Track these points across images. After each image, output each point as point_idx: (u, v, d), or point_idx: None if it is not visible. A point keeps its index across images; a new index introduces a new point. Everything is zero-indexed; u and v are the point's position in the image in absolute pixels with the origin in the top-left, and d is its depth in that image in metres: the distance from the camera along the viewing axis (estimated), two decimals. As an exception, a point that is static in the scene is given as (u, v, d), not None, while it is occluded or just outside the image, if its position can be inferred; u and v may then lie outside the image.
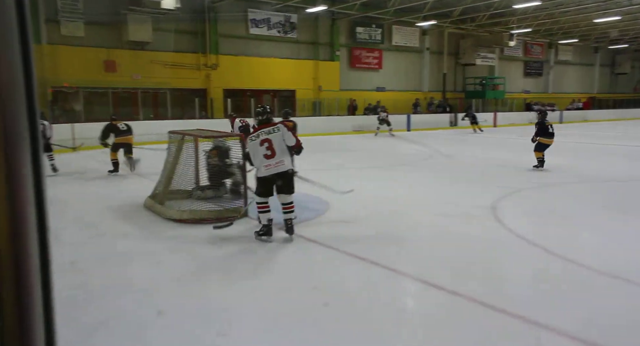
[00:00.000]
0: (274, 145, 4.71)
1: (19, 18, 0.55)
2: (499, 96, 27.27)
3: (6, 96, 0.57)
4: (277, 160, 4.72)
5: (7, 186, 0.59)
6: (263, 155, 4.70)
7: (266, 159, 4.71)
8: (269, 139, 4.73)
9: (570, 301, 3.48)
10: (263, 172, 4.76)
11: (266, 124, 4.87)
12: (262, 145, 4.71)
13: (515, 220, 5.93)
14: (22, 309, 0.60)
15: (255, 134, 4.79)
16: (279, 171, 4.74)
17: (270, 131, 4.78)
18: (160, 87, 16.87)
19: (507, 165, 10.62)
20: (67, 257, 4.08)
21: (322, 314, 3.28)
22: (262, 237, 4.82)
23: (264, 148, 4.70)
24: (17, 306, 0.60)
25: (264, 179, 4.81)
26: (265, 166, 4.72)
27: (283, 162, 4.76)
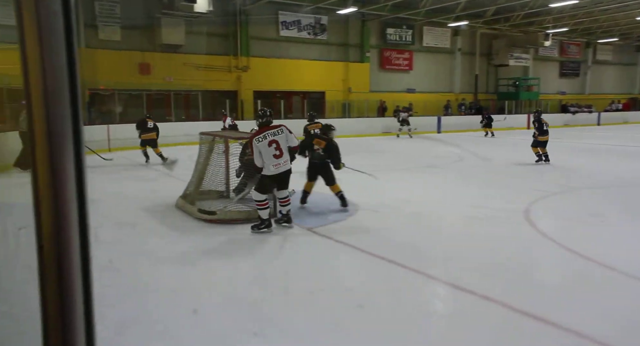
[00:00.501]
0: (281, 145, 5.03)
1: (65, 25, 0.57)
2: (533, 97, 26.59)
3: (52, 99, 0.60)
4: (284, 159, 5.07)
5: (52, 186, 0.61)
6: (273, 155, 4.99)
7: (275, 159, 5.01)
8: (276, 140, 5.02)
9: (606, 308, 3.36)
10: (273, 171, 5.03)
11: (268, 126, 5.13)
12: (271, 146, 4.99)
13: (548, 223, 5.78)
14: (63, 303, 0.63)
15: (262, 136, 5.03)
16: (287, 169, 5.12)
17: (275, 132, 5.07)
18: (192, 89, 17.20)
19: (541, 167, 10.34)
20: (104, 255, 4.21)
21: (357, 316, 3.27)
22: (263, 230, 5.08)
23: (273, 148, 4.99)
24: (59, 300, 0.63)
25: (271, 178, 5.07)
26: (274, 165, 5.02)
27: (288, 161, 5.15)
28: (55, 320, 0.62)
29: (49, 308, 0.62)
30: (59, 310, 0.62)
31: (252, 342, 2.92)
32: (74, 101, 0.61)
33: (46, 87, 0.59)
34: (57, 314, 0.62)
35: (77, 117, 0.62)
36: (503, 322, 3.18)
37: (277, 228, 5.40)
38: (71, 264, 0.63)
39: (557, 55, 28.99)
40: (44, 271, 0.63)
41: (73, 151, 0.62)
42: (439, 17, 21.66)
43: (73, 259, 0.63)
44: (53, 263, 0.62)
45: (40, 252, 0.62)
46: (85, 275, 0.64)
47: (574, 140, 17.64)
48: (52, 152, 0.60)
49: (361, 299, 3.54)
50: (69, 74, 0.60)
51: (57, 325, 0.62)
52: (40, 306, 0.62)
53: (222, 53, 18.05)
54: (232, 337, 2.97)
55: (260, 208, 5.08)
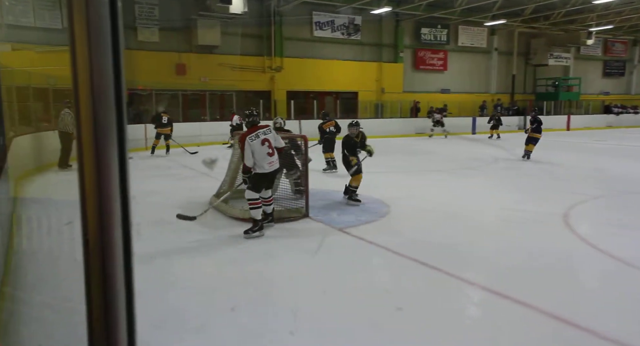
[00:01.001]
0: (272, 144, 5.15)
1: (112, 28, 0.59)
2: (574, 97, 25.72)
3: (98, 100, 0.62)
4: (276, 157, 5.18)
5: (97, 183, 0.64)
6: (266, 153, 5.08)
7: (269, 157, 5.09)
8: (267, 139, 5.12)
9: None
10: (267, 168, 5.10)
11: (259, 126, 5.22)
12: (264, 144, 5.07)
13: (588, 228, 5.59)
14: (107, 296, 0.65)
15: (255, 134, 5.10)
16: (278, 166, 5.25)
17: (266, 132, 5.18)
18: (226, 89, 17.49)
19: (582, 171, 9.99)
20: (144, 251, 4.33)
21: (396, 318, 3.25)
22: (256, 234, 5.03)
23: (266, 147, 5.08)
24: (103, 292, 0.65)
25: (264, 176, 5.13)
26: (268, 163, 5.10)
27: (278, 159, 5.25)
28: (99, 312, 0.64)
29: (93, 300, 0.64)
30: (102, 302, 0.64)
31: (288, 341, 2.94)
32: (119, 101, 0.64)
33: (93, 88, 0.61)
34: (101, 306, 0.64)
35: (122, 117, 0.64)
36: (540, 328, 3.09)
37: (305, 229, 5.42)
38: (114, 258, 0.65)
39: (600, 54, 27.93)
40: (88, 264, 0.65)
41: (117, 150, 0.64)
42: (474, 16, 21.24)
43: (116, 254, 0.65)
44: (97, 257, 0.64)
45: (85, 245, 0.65)
46: (127, 269, 0.66)
47: (617, 142, 16.97)
48: (98, 151, 0.63)
49: (399, 301, 3.51)
50: (114, 76, 0.62)
51: (100, 317, 0.64)
52: (85, 298, 0.64)
53: (256, 54, 18.27)
54: (267, 335, 2.99)
55: (253, 206, 5.08)
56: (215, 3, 15.58)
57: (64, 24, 8.35)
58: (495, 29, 23.34)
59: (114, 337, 0.65)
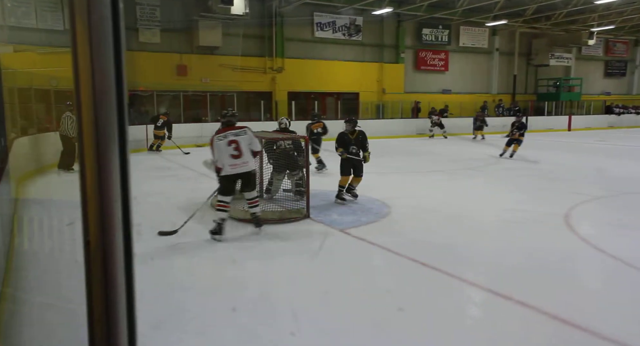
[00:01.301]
0: (241, 146, 4.96)
1: (114, 29, 0.59)
2: (575, 98, 25.68)
3: (100, 101, 0.62)
4: (243, 160, 4.98)
5: (98, 184, 0.64)
6: (230, 155, 4.93)
7: (233, 159, 4.94)
8: (236, 140, 4.96)
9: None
10: (229, 171, 4.96)
11: (231, 127, 5.11)
12: (230, 145, 4.94)
13: (589, 228, 5.59)
14: (108, 296, 0.65)
15: (223, 135, 5.01)
16: (245, 170, 5.02)
17: (238, 133, 5.02)
18: (227, 90, 17.49)
19: (583, 171, 9.98)
20: (145, 252, 4.34)
21: (397, 319, 3.25)
22: (215, 236, 4.93)
23: (232, 148, 4.93)
24: (103, 293, 0.65)
25: (227, 178, 5.02)
26: (231, 165, 4.95)
27: (248, 162, 5.03)
28: (100, 313, 0.64)
29: (94, 301, 0.64)
30: (103, 303, 0.64)
31: (288, 342, 2.94)
32: (120, 103, 0.64)
33: (95, 90, 0.61)
34: (102, 307, 0.64)
35: (123, 118, 0.64)
36: (541, 329, 3.09)
37: (306, 230, 5.43)
38: (115, 259, 0.65)
39: (602, 55, 27.89)
40: (89, 265, 0.65)
41: (118, 152, 0.64)
42: (476, 17, 21.23)
43: (117, 255, 0.65)
44: (98, 258, 0.65)
45: (86, 247, 0.65)
46: (128, 270, 0.66)
47: (619, 142, 16.95)
48: (99, 153, 0.63)
49: (401, 302, 3.51)
50: (116, 77, 0.62)
51: (101, 318, 0.64)
52: (86, 299, 0.64)
53: (257, 54, 18.28)
54: (268, 336, 2.99)
55: (219, 208, 5.01)
56: (217, 4, 15.58)
57: (66, 26, 8.36)
58: (497, 29, 23.32)
59: (114, 338, 0.65)
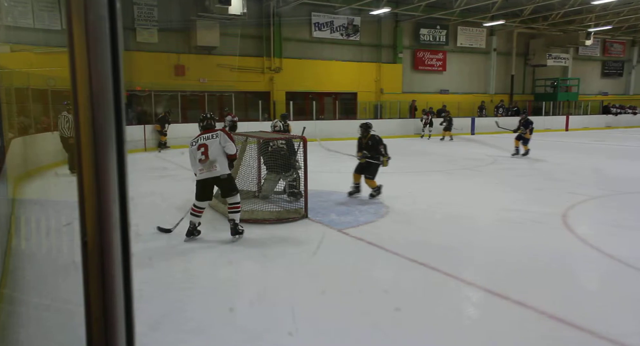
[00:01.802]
0: (208, 150, 4.79)
1: (111, 29, 0.59)
2: (572, 98, 25.76)
3: (97, 101, 0.62)
4: (210, 164, 4.80)
5: (96, 185, 0.64)
6: (198, 159, 4.81)
7: (200, 164, 4.82)
8: (205, 144, 4.83)
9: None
10: (198, 176, 4.88)
11: (208, 130, 4.97)
12: (199, 150, 4.82)
13: (587, 228, 5.60)
14: (105, 297, 0.65)
15: (195, 139, 4.93)
16: (212, 175, 4.83)
17: (208, 137, 4.88)
18: (225, 90, 17.48)
19: (581, 171, 10.01)
20: (143, 252, 4.33)
21: (394, 318, 3.25)
22: (189, 237, 4.91)
23: (200, 153, 4.80)
24: (101, 294, 0.65)
25: (199, 183, 4.92)
26: (199, 170, 4.85)
27: (216, 167, 4.81)
28: (98, 313, 0.64)
29: (92, 301, 0.64)
30: (101, 304, 0.64)
31: (286, 342, 2.94)
32: (118, 103, 0.63)
33: (92, 89, 0.61)
34: (100, 307, 0.64)
35: (120, 119, 0.64)
36: (539, 329, 3.09)
37: (304, 230, 5.43)
38: (113, 260, 0.65)
39: (599, 55, 27.97)
40: (87, 266, 0.65)
41: (116, 152, 0.64)
42: (474, 17, 21.27)
43: (115, 256, 0.65)
44: (96, 258, 0.64)
45: (84, 248, 0.65)
46: (126, 271, 0.66)
47: (616, 142, 17.00)
48: (97, 153, 0.63)
49: (398, 302, 3.51)
50: (113, 77, 0.62)
51: (99, 318, 0.64)
52: (84, 299, 0.64)
53: (255, 54, 18.27)
54: (266, 336, 2.99)
55: (192, 212, 4.94)
56: (214, 4, 15.56)
57: (63, 25, 8.35)
58: (494, 29, 23.37)
59: (112, 338, 0.65)
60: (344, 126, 18.25)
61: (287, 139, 6.68)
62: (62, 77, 10.59)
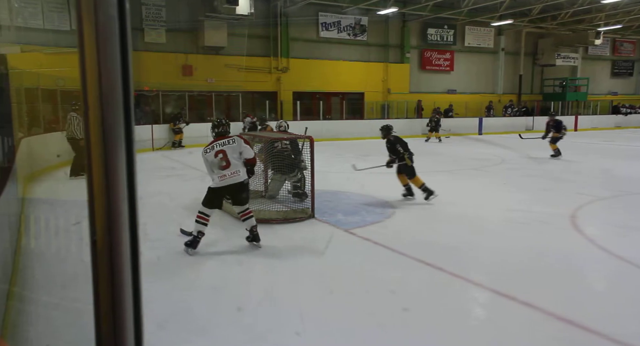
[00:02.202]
0: (228, 156, 4.62)
1: (121, 29, 0.59)
2: (581, 98, 25.54)
3: (106, 102, 0.62)
4: (232, 170, 4.62)
5: (106, 184, 0.64)
6: (219, 166, 4.61)
7: (221, 170, 4.61)
8: (223, 150, 4.64)
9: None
10: (218, 182, 4.62)
11: (222, 137, 4.80)
12: (217, 156, 4.62)
13: (596, 230, 5.54)
14: (114, 296, 0.65)
15: (210, 146, 4.72)
16: (235, 182, 4.63)
17: (225, 143, 4.71)
18: (232, 90, 17.52)
19: (590, 171, 9.92)
20: (151, 252, 4.35)
21: (402, 319, 3.25)
22: (188, 248, 4.56)
23: (219, 159, 4.61)
24: (110, 293, 0.65)
25: (216, 190, 4.67)
26: (220, 177, 4.61)
27: (239, 172, 4.65)
28: (107, 311, 0.65)
29: (100, 299, 0.65)
30: (110, 302, 0.64)
31: (294, 342, 2.94)
32: (127, 103, 0.64)
33: (101, 89, 0.62)
34: (109, 306, 0.65)
35: (129, 119, 0.64)
36: (546, 330, 3.07)
37: (310, 230, 5.43)
38: (122, 259, 0.65)
39: (608, 54, 27.73)
40: (96, 264, 0.65)
41: (125, 152, 0.64)
42: (481, 17, 21.16)
43: (124, 255, 0.65)
44: (105, 257, 0.65)
45: (93, 247, 0.65)
46: (134, 270, 0.67)
47: (625, 143, 16.84)
48: (106, 153, 0.63)
49: (405, 302, 3.50)
50: (122, 77, 0.63)
51: (108, 316, 0.65)
52: (93, 298, 0.65)
53: (262, 54, 18.31)
54: (273, 336, 2.99)
55: (198, 220, 4.64)
56: (222, 4, 15.62)
57: (73, 26, 8.44)
58: (502, 29, 23.24)
59: (121, 337, 0.65)
60: (351, 126, 18.25)
61: (291, 140, 6.67)
62: (71, 78, 10.68)
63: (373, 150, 12.78)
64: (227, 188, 4.65)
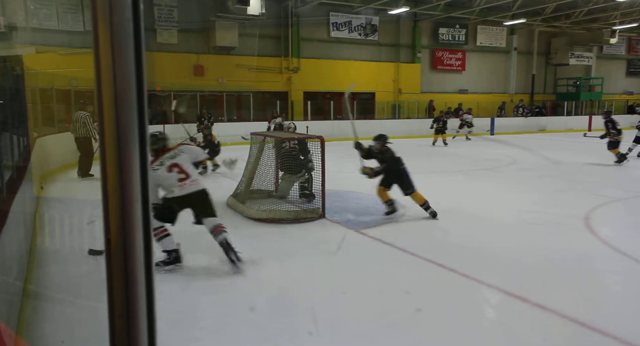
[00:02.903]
0: (184, 167, 4.33)
1: (135, 30, 0.60)
2: (596, 97, 25.19)
3: (120, 102, 0.63)
4: (192, 179, 4.32)
5: (119, 184, 0.65)
6: (176, 179, 4.28)
7: (180, 182, 4.28)
8: (176, 163, 4.33)
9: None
10: (177, 192, 4.26)
11: (167, 149, 4.44)
12: (171, 171, 4.29)
13: (611, 231, 5.47)
14: (128, 294, 0.66)
15: (159, 163, 4.31)
16: (197, 189, 4.31)
17: (173, 155, 4.39)
18: (243, 90, 17.60)
19: (605, 172, 9.79)
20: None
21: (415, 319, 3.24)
22: (170, 266, 4.15)
23: (175, 173, 4.29)
24: (124, 290, 0.66)
25: (174, 200, 4.29)
26: (179, 186, 4.26)
27: (198, 181, 4.37)
28: (121, 309, 0.65)
29: (115, 297, 0.65)
30: (124, 300, 0.65)
31: (307, 341, 2.94)
32: (141, 103, 0.64)
33: (116, 90, 0.62)
34: (123, 303, 0.65)
35: (143, 119, 0.65)
36: (560, 332, 3.04)
37: (321, 230, 5.43)
38: (135, 257, 0.66)
39: (624, 53, 27.31)
40: (110, 263, 0.66)
41: (139, 151, 0.65)
42: (494, 16, 20.98)
43: (137, 253, 0.66)
44: (119, 255, 0.65)
45: (107, 245, 0.66)
46: (147, 268, 0.67)
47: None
48: (120, 153, 0.64)
49: (419, 303, 3.49)
50: (136, 77, 0.63)
51: (122, 314, 0.65)
52: (107, 296, 0.65)
53: (273, 54, 18.36)
54: (285, 336, 2.99)
55: (159, 236, 4.12)
56: (233, 4, 15.69)
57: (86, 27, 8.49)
58: (515, 28, 23.02)
59: (135, 334, 0.66)
60: (362, 126, 18.19)
61: (299, 140, 6.68)
62: (85, 78, 10.81)
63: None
64: (188, 197, 4.27)
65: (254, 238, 5.14)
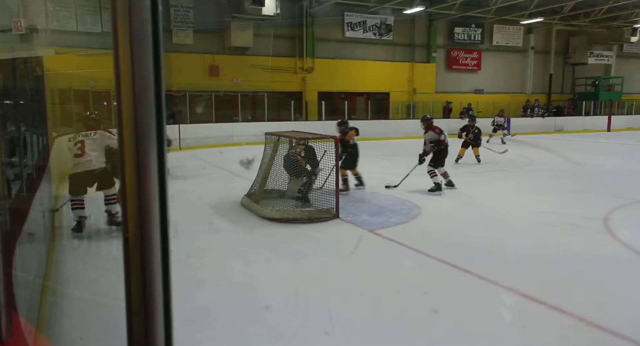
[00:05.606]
0: (85, 146, 5.02)
1: (153, 31, 0.61)
2: (615, 97, 24.73)
3: (139, 102, 0.64)
4: (85, 159, 5.01)
5: (137, 184, 0.65)
6: (74, 154, 5.03)
7: (76, 158, 5.02)
8: (82, 140, 5.05)
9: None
10: (73, 169, 5.05)
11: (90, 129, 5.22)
12: (76, 145, 5.03)
13: (631, 233, 5.36)
14: (145, 292, 0.67)
15: (72, 136, 5.14)
16: (88, 168, 5.00)
17: (88, 134, 5.12)
18: (258, 90, 17.67)
19: (625, 173, 9.60)
20: (180, 249, 4.42)
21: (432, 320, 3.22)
22: (74, 233, 4.96)
23: (77, 148, 5.02)
24: (142, 289, 0.67)
25: (73, 177, 5.06)
26: (74, 164, 5.04)
27: (91, 161, 5.02)
28: (138, 306, 0.66)
29: (132, 295, 0.66)
30: (141, 298, 0.66)
31: (322, 341, 2.94)
32: (159, 103, 0.65)
33: (135, 90, 0.63)
34: (140, 301, 0.66)
35: (161, 120, 0.66)
36: (578, 335, 2.99)
37: (336, 230, 5.42)
38: (153, 256, 0.67)
39: (645, 52, 26.77)
40: (128, 261, 0.67)
41: (157, 150, 0.66)
42: (510, 15, 20.73)
43: (155, 252, 0.67)
44: (137, 254, 0.66)
45: (125, 244, 0.67)
46: (165, 267, 0.68)
47: (662, 144, 16.24)
48: (139, 153, 0.64)
49: (435, 304, 3.47)
50: (154, 78, 0.64)
51: (139, 311, 0.66)
52: (125, 293, 0.66)
53: (287, 55, 18.40)
54: (300, 335, 3.00)
55: (72, 207, 5.04)
56: (249, 5, 15.77)
57: (104, 28, 8.62)
58: (532, 27, 22.71)
59: (152, 332, 0.67)
60: (377, 126, 18.14)
61: (307, 146, 6.67)
62: (103, 79, 10.95)
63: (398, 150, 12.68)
64: (84, 174, 5.00)
65: (268, 237, 5.15)
